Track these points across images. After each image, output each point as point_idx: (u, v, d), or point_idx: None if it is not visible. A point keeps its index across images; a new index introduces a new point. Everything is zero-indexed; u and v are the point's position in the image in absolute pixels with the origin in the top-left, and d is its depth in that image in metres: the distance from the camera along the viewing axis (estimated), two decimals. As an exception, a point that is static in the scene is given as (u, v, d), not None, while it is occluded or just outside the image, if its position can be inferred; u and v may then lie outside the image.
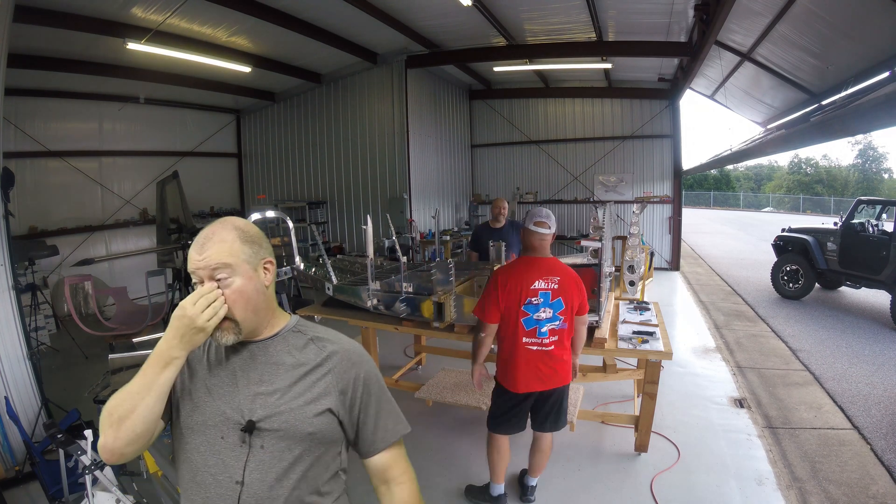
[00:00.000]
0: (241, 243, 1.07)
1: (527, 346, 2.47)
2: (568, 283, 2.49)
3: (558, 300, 2.46)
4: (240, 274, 1.06)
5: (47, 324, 6.14)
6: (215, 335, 1.04)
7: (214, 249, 1.04)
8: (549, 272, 2.48)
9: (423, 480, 2.92)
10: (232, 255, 1.05)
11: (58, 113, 7.52)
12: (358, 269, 4.57)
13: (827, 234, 7.56)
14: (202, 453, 1.03)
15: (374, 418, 1.14)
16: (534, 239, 2.52)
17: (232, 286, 1.05)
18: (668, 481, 2.95)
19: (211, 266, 1.03)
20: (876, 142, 32.50)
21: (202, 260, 1.04)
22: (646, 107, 10.15)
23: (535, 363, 2.48)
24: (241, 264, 1.06)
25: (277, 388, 1.06)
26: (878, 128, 3.61)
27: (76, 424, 2.92)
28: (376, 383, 1.17)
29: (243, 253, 1.07)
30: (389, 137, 8.82)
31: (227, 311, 1.03)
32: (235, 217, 1.16)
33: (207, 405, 1.04)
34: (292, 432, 1.04)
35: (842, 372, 4.85)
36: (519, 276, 2.46)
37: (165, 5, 5.53)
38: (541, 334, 2.47)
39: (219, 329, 1.04)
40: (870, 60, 5.32)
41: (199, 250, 1.05)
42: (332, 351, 1.13)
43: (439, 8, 6.55)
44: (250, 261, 1.08)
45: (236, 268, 1.05)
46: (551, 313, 2.47)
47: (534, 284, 2.44)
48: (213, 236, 1.06)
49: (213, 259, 1.04)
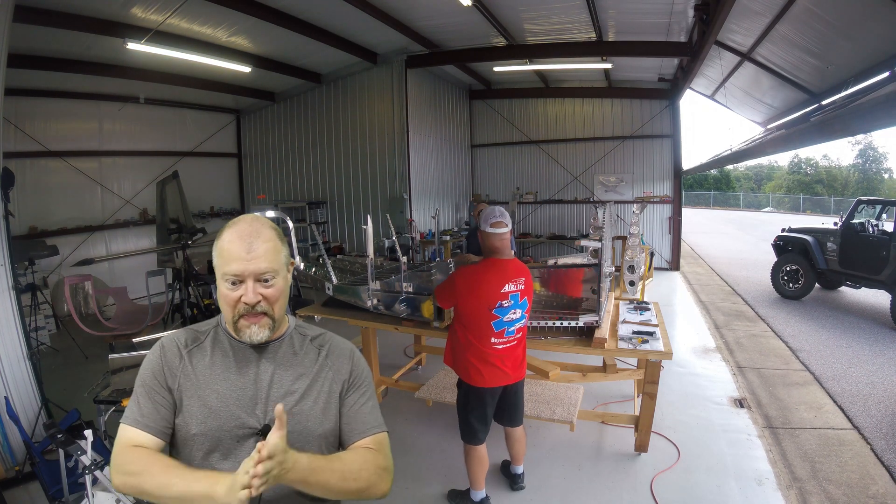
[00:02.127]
0: (280, 243, 1.09)
1: (495, 346, 2.51)
2: (529, 281, 2.56)
3: (524, 300, 2.53)
4: (282, 275, 1.07)
5: (47, 324, 6.14)
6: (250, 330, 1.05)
7: (263, 249, 1.04)
8: (516, 274, 2.51)
9: (423, 480, 2.94)
10: (277, 258, 1.06)
11: (58, 113, 7.52)
12: (358, 269, 4.58)
13: (827, 234, 7.55)
14: (217, 458, 1.04)
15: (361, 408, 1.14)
16: (494, 240, 2.51)
17: (275, 286, 1.06)
18: (668, 481, 2.95)
19: (262, 270, 1.03)
20: (876, 142, 32.56)
21: (251, 261, 1.02)
22: (646, 107, 10.15)
23: (502, 360, 2.53)
24: (282, 266, 1.08)
25: (288, 391, 1.08)
26: (878, 128, 3.61)
27: (76, 424, 2.92)
28: (368, 379, 1.19)
29: (284, 254, 1.09)
30: (389, 137, 8.82)
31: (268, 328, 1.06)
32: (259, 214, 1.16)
33: (222, 411, 1.04)
34: (305, 433, 1.05)
35: (842, 372, 4.85)
36: (489, 281, 2.45)
37: (165, 5, 5.53)
38: (508, 334, 2.51)
39: (256, 324, 1.05)
40: (870, 60, 5.32)
41: (245, 248, 1.02)
42: (329, 350, 1.16)
43: (439, 8, 6.55)
44: (286, 261, 1.10)
45: (280, 269, 1.07)
46: (519, 313, 2.52)
47: (504, 288, 2.45)
48: (258, 235, 1.05)
49: (265, 263, 1.03)
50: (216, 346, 1.11)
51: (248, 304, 1.04)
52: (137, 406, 1.05)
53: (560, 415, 3.27)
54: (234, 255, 1.02)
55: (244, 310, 1.04)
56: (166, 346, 1.10)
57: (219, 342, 1.11)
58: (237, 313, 1.05)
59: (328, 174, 9.85)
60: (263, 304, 1.05)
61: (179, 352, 1.09)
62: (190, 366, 1.08)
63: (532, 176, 11.24)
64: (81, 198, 7.89)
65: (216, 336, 1.12)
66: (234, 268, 1.02)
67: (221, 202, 10.23)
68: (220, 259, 1.04)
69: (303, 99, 9.83)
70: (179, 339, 1.11)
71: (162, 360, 1.08)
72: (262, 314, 1.05)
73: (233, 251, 1.03)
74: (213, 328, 1.14)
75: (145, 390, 1.06)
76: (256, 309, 1.04)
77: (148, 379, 1.07)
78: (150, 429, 1.03)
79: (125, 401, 2.48)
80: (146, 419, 1.03)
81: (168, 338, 1.13)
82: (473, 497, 2.72)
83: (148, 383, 1.06)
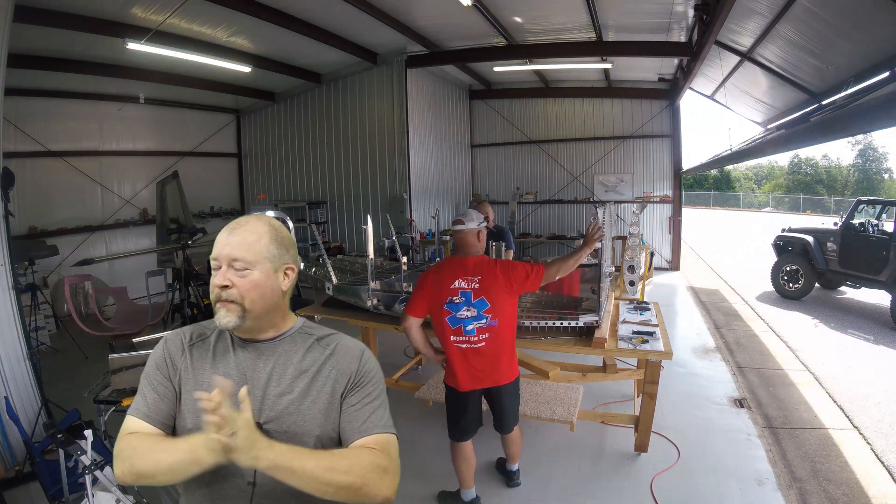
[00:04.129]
0: (270, 241, 1.09)
1: (456, 345, 2.50)
2: (489, 280, 2.47)
3: (481, 299, 2.46)
4: (258, 269, 1.07)
5: (47, 324, 6.14)
6: (219, 314, 1.06)
7: (241, 239, 1.06)
8: (471, 272, 2.49)
9: (423, 479, 2.94)
10: (256, 251, 1.07)
11: (58, 113, 7.52)
12: (358, 269, 4.58)
13: (827, 234, 7.55)
14: None
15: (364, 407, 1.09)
16: (455, 237, 2.60)
17: (248, 277, 1.06)
18: (668, 481, 2.95)
19: (232, 256, 1.05)
20: (876, 142, 32.51)
21: (226, 247, 1.06)
22: (646, 107, 10.15)
23: (468, 361, 2.51)
24: (262, 261, 1.07)
25: (285, 390, 1.07)
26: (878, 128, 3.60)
27: (76, 424, 2.91)
28: (375, 380, 1.15)
29: (268, 251, 1.08)
30: (389, 137, 8.82)
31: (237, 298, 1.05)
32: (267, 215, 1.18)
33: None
34: (301, 433, 1.04)
35: (842, 372, 4.85)
36: (442, 275, 2.52)
37: (165, 5, 5.53)
38: (467, 332, 2.48)
39: (224, 308, 1.05)
40: (870, 60, 5.31)
41: (227, 234, 1.07)
42: (335, 350, 1.14)
43: (439, 8, 6.54)
44: (273, 260, 1.09)
45: (256, 264, 1.07)
46: (475, 312, 2.47)
47: (453, 284, 2.48)
48: (246, 225, 1.08)
49: (238, 251, 1.05)
50: (219, 342, 1.12)
51: (216, 285, 1.05)
52: (142, 397, 1.07)
53: (560, 415, 3.27)
54: (217, 241, 1.07)
55: (216, 294, 1.06)
56: (170, 340, 1.13)
57: (222, 338, 1.13)
58: (214, 298, 1.07)
59: (328, 174, 9.84)
60: (233, 291, 1.05)
61: (182, 346, 1.11)
62: (190, 360, 1.09)
63: (532, 176, 11.24)
64: (81, 198, 7.90)
65: (221, 332, 1.14)
66: (215, 250, 1.07)
67: (221, 202, 10.23)
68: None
69: (303, 99, 9.83)
70: (184, 334, 1.14)
71: (165, 353, 1.10)
72: (230, 301, 1.05)
73: (219, 238, 1.08)
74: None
75: (148, 381, 1.08)
76: (223, 295, 1.05)
77: (151, 371, 1.09)
78: (150, 419, 1.04)
79: (125, 401, 2.48)
80: (148, 409, 1.05)
81: (173, 332, 1.15)
82: (463, 497, 2.72)
83: (151, 375, 1.09)
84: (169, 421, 1.07)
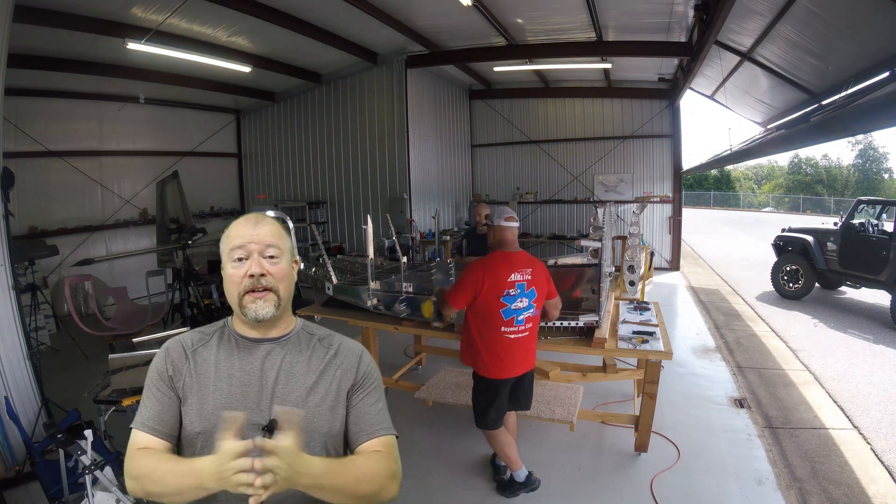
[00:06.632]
0: (286, 233, 1.12)
1: (506, 335, 2.62)
2: (538, 273, 2.67)
3: (532, 290, 2.63)
4: (284, 259, 1.09)
5: (47, 324, 6.13)
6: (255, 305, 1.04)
7: (269, 228, 1.07)
8: (524, 265, 2.64)
9: (423, 480, 2.94)
10: (283, 241, 1.09)
11: (58, 113, 7.51)
12: (358, 269, 4.58)
13: (827, 234, 7.55)
14: None
15: (369, 408, 1.13)
16: (507, 234, 2.69)
17: (279, 265, 1.07)
18: (668, 481, 2.95)
19: (266, 242, 1.05)
20: (876, 142, 32.59)
21: (256, 234, 1.05)
22: (646, 107, 10.15)
23: (514, 350, 2.65)
24: (286, 251, 1.10)
25: (294, 388, 1.08)
26: (878, 128, 3.61)
27: (76, 424, 2.91)
28: (377, 380, 1.18)
29: (288, 242, 1.12)
30: (389, 137, 8.82)
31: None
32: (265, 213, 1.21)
33: (226, 407, 1.04)
34: (309, 430, 1.05)
35: (842, 372, 4.85)
36: (497, 271, 2.60)
37: (165, 5, 5.52)
38: (518, 322, 2.62)
39: (262, 298, 1.05)
40: (870, 60, 5.31)
41: (251, 227, 1.06)
42: (338, 349, 1.15)
43: (439, 8, 6.54)
44: (292, 252, 1.13)
45: (283, 253, 1.08)
46: (527, 302, 2.63)
47: (511, 277, 2.59)
48: (263, 219, 1.09)
49: (270, 238, 1.05)
50: (222, 343, 1.12)
51: (254, 275, 1.04)
52: (146, 409, 1.06)
53: (560, 415, 3.27)
54: (239, 233, 1.06)
55: (249, 284, 1.05)
56: (171, 348, 1.11)
57: (225, 339, 1.12)
58: (243, 289, 1.05)
59: (328, 174, 9.85)
60: (269, 278, 1.05)
61: (185, 352, 1.10)
62: (194, 364, 1.08)
63: (532, 176, 11.24)
64: (81, 198, 7.89)
65: (222, 334, 1.13)
66: (239, 241, 1.05)
67: (221, 202, 10.23)
68: (227, 241, 1.07)
69: (303, 99, 9.83)
70: (185, 340, 1.13)
71: (166, 362, 1.09)
72: (268, 289, 1.05)
73: (239, 230, 1.07)
74: (220, 327, 1.16)
75: (150, 393, 1.07)
76: (262, 283, 1.04)
77: (153, 382, 1.08)
78: (156, 432, 1.04)
79: (125, 401, 2.48)
80: (152, 422, 1.04)
81: (174, 339, 1.14)
82: (517, 478, 2.82)
83: (152, 386, 1.08)
84: (174, 431, 1.06)
